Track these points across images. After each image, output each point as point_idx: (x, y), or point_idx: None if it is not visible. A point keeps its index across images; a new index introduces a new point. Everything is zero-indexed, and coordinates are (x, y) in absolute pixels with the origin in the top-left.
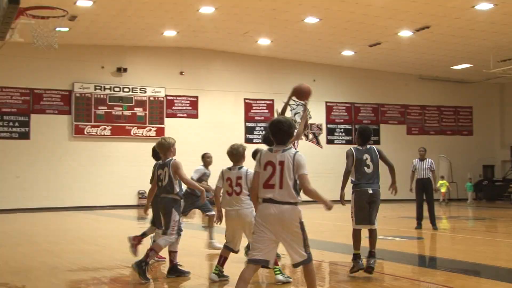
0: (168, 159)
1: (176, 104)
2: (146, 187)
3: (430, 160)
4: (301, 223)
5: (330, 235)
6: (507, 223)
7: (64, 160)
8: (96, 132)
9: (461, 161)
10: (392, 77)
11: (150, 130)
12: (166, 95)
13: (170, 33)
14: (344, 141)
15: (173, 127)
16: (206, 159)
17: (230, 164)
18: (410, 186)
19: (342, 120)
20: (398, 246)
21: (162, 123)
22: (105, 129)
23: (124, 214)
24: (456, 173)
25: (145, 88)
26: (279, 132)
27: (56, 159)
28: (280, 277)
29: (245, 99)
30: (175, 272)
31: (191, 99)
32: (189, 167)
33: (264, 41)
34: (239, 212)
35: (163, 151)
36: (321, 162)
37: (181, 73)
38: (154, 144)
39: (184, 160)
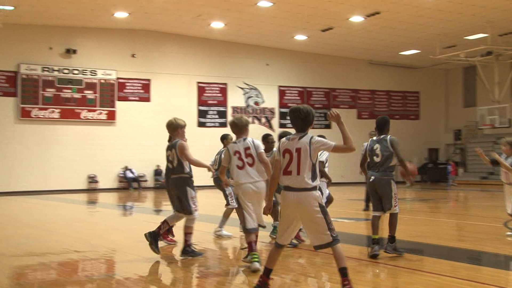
0: (175, 141)
1: (127, 87)
2: (96, 171)
3: None
4: (322, 207)
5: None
6: (448, 204)
7: (10, 144)
8: (44, 115)
9: (408, 144)
10: (344, 62)
11: (101, 113)
12: (118, 78)
13: (121, 14)
14: None
15: (124, 111)
16: (229, 141)
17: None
18: (360, 169)
19: (294, 104)
20: (347, 228)
21: (114, 106)
22: (53, 112)
23: (73, 198)
24: (404, 156)
25: (95, 71)
26: (297, 120)
27: (1, 143)
28: (257, 265)
29: (198, 82)
30: (188, 252)
31: (143, 82)
32: (140, 150)
33: (217, 24)
34: (256, 184)
35: (170, 130)
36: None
37: (133, 55)
38: (104, 127)
39: (136, 144)
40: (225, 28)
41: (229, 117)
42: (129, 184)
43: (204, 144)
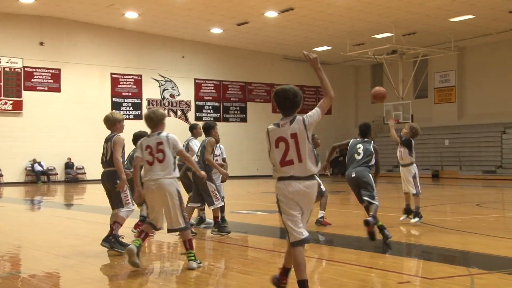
0: (113, 134)
1: (35, 77)
2: (0, 164)
3: None
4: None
5: None
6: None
7: None
8: None
9: (321, 139)
10: (259, 56)
11: (6, 103)
12: (24, 67)
13: None
14: (212, 118)
15: (32, 101)
16: (199, 131)
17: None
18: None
19: (210, 98)
20: (261, 220)
21: (20, 96)
22: None
23: None
24: (316, 149)
25: None
26: (285, 101)
27: None
28: (193, 264)
29: (111, 73)
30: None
31: (53, 71)
32: (50, 142)
33: (131, 14)
34: (159, 181)
35: (108, 126)
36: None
37: (41, 43)
38: (10, 118)
39: (45, 136)
40: (140, 19)
41: (144, 110)
42: (37, 178)
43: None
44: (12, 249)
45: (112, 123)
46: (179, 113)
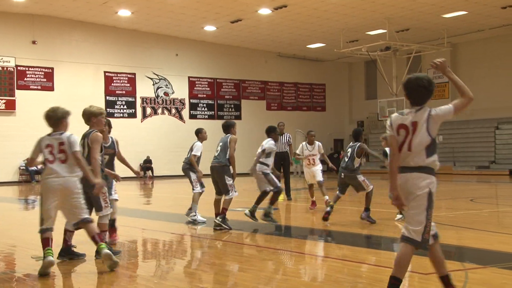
0: (91, 130)
1: (28, 76)
2: None
3: (288, 134)
4: (430, 193)
5: None
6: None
7: None
8: None
9: (315, 135)
10: (253, 54)
11: None
12: (17, 65)
13: None
14: (206, 116)
15: (25, 100)
16: (204, 135)
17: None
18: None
19: (204, 95)
20: (243, 216)
21: (13, 95)
22: None
23: None
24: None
25: None
26: (418, 89)
27: None
28: (106, 250)
29: (105, 72)
30: (68, 254)
31: (46, 70)
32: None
33: (124, 13)
34: (64, 180)
35: (85, 119)
36: (184, 137)
37: (34, 42)
38: (3, 117)
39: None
40: (133, 17)
41: (139, 108)
42: (31, 177)
43: (112, 135)
44: (6, 248)
45: (88, 118)
46: (173, 111)
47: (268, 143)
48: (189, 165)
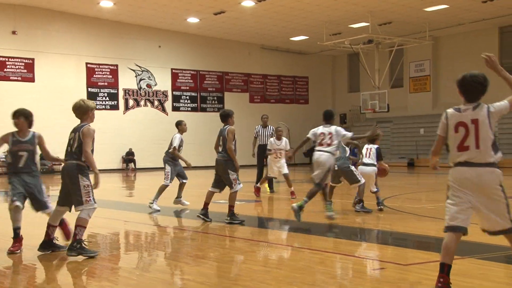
0: (82, 124)
1: (8, 66)
2: None
3: (271, 127)
4: (502, 187)
5: None
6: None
7: None
8: None
9: (298, 128)
10: (236, 46)
11: None
12: None
13: None
14: (189, 108)
15: (5, 91)
16: (183, 127)
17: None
18: (252, 151)
19: (187, 88)
20: (238, 209)
21: None
22: None
23: None
24: (294, 139)
25: None
26: (476, 86)
27: None
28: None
29: (87, 63)
30: (51, 246)
31: (26, 61)
32: None
33: (106, 3)
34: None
35: (79, 114)
36: (167, 129)
37: (14, 32)
38: None
39: None
40: (115, 8)
41: (121, 100)
42: None
43: (94, 127)
44: None
45: (84, 111)
46: (156, 103)
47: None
48: (170, 157)
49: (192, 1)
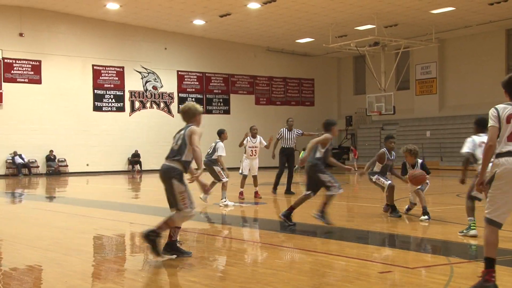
0: (189, 124)
1: (15, 68)
2: None
3: (296, 130)
4: None
5: None
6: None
7: None
8: None
9: (303, 130)
10: (242, 48)
11: None
12: (3, 58)
13: None
14: None
15: (12, 93)
16: (225, 135)
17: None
18: (272, 153)
19: (193, 89)
20: (245, 212)
21: (0, 88)
22: None
23: None
24: (299, 141)
25: None
26: None
27: None
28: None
29: (93, 65)
30: (173, 249)
31: (33, 63)
32: (31, 135)
33: (112, 6)
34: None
35: (186, 118)
36: (172, 131)
37: (21, 34)
38: None
39: (26, 128)
40: (121, 10)
41: (127, 102)
42: (18, 170)
43: (100, 129)
44: None
45: (192, 115)
46: (161, 105)
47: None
48: (209, 160)
49: (198, 3)
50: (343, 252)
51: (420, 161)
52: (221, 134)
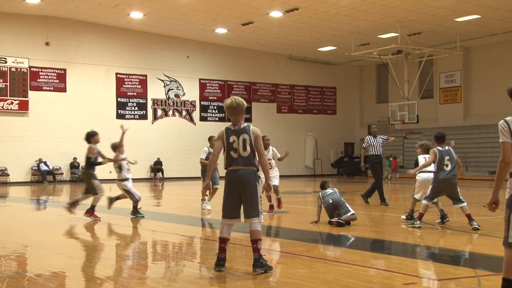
0: (245, 124)
1: (41, 77)
2: (7, 163)
3: (380, 137)
4: None
5: None
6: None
7: None
8: None
9: (325, 139)
10: (264, 56)
11: (12, 103)
12: (30, 67)
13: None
14: (217, 118)
15: (38, 101)
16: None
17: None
18: (362, 163)
19: (215, 98)
20: (265, 221)
21: (26, 96)
22: None
23: None
24: (321, 150)
25: (5, 58)
26: None
27: None
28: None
29: (117, 73)
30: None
31: (58, 71)
32: (56, 142)
33: (136, 15)
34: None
35: (234, 113)
36: (194, 139)
37: (47, 43)
38: (16, 118)
39: (51, 136)
40: (145, 19)
41: (149, 109)
42: (43, 178)
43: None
44: (19, 248)
45: (242, 110)
46: (184, 113)
47: None
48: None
49: (220, 12)
50: (367, 262)
51: (421, 157)
52: (210, 140)
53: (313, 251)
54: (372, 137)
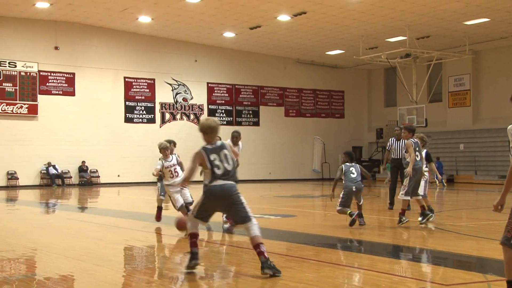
0: (221, 142)
1: (50, 81)
2: (16, 167)
3: (404, 140)
4: None
5: None
6: (370, 200)
7: None
8: None
9: (333, 142)
10: (272, 60)
11: (22, 107)
12: (39, 71)
13: (42, 4)
14: (225, 122)
15: (48, 105)
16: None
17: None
18: (384, 165)
19: (223, 101)
20: (275, 224)
21: (35, 100)
22: None
23: None
24: (329, 154)
25: (15, 62)
26: None
27: None
28: None
29: (125, 77)
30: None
31: (67, 75)
32: (64, 146)
33: (144, 19)
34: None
35: (211, 132)
36: (202, 142)
37: (56, 48)
38: (26, 122)
39: (60, 140)
40: (153, 23)
41: (157, 113)
42: (52, 181)
43: (132, 140)
44: (28, 251)
45: (217, 131)
46: (191, 116)
47: None
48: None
49: (228, 16)
50: (375, 267)
51: (425, 150)
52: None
53: (321, 255)
54: (395, 140)
